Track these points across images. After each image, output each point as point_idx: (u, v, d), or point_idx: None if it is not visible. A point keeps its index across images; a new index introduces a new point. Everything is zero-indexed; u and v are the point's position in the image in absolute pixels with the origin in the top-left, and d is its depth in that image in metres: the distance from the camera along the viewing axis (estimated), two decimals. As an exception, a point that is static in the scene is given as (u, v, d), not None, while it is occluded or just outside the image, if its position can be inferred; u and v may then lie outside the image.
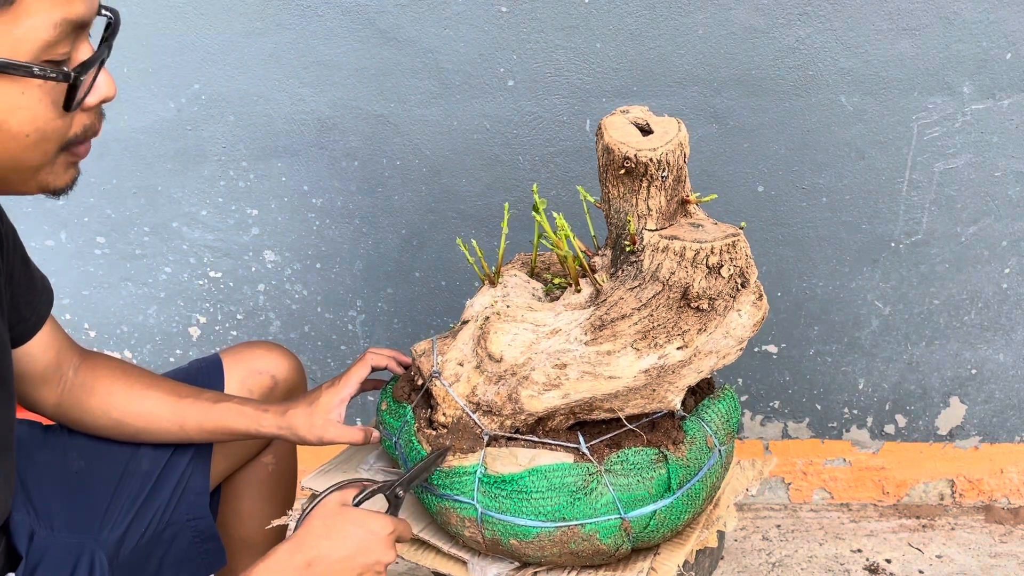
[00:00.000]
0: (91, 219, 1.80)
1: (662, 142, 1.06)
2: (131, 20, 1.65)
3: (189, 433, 1.20)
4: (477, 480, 1.08)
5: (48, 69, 0.76)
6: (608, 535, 1.08)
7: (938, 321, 1.88)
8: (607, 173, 1.10)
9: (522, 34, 1.65)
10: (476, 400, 1.12)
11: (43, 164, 0.81)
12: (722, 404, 1.20)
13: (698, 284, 1.06)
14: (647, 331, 1.08)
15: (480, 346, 1.13)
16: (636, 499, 1.08)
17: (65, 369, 1.16)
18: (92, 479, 1.18)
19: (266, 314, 1.90)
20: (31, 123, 0.77)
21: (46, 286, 1.13)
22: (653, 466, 1.10)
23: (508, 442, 1.12)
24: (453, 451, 1.11)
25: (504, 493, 1.07)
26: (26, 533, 1.08)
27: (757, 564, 1.87)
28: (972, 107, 1.70)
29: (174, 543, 1.22)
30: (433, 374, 1.16)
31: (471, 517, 1.10)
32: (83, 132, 0.83)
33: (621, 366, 1.07)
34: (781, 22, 1.64)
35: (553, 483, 1.07)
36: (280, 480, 1.38)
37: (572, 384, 1.08)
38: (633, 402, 1.12)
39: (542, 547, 1.08)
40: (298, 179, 1.78)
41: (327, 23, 1.65)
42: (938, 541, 1.94)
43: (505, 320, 1.13)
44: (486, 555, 1.15)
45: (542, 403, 1.09)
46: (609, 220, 1.16)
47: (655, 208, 1.09)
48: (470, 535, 1.12)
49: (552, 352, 1.10)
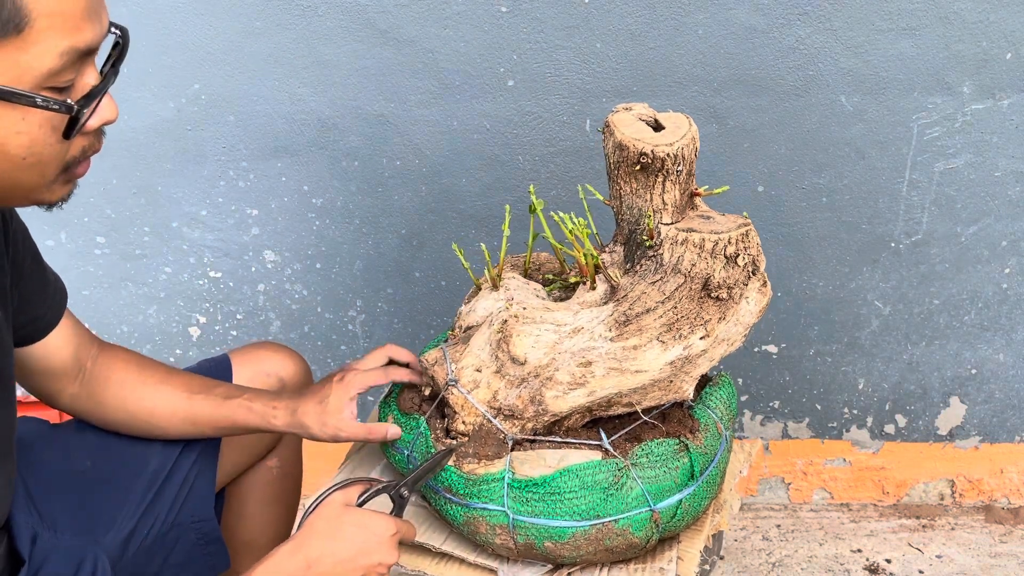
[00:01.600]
0: (91, 219, 1.80)
1: (677, 137, 1.08)
2: (131, 20, 1.65)
3: (200, 428, 1.20)
4: (506, 486, 1.08)
5: (51, 101, 0.75)
6: (640, 528, 1.10)
7: (938, 321, 1.88)
8: (619, 170, 1.11)
9: (522, 34, 1.65)
10: (497, 405, 1.13)
11: (40, 185, 0.81)
12: (722, 391, 1.24)
13: (718, 274, 1.09)
14: (672, 323, 1.10)
15: (501, 350, 1.13)
16: (664, 490, 1.11)
17: (84, 362, 1.16)
18: (98, 479, 1.17)
19: (266, 314, 1.90)
20: (29, 147, 0.77)
21: (59, 282, 1.14)
22: (676, 456, 1.12)
23: (532, 445, 1.12)
24: (479, 458, 1.11)
25: (536, 496, 1.08)
26: (29, 535, 1.08)
27: (757, 564, 1.87)
28: (972, 107, 1.70)
29: (178, 545, 1.22)
30: (449, 382, 1.15)
31: (502, 524, 1.09)
32: (82, 153, 0.84)
33: (648, 359, 1.10)
34: (781, 22, 1.64)
35: (585, 481, 1.08)
36: (285, 483, 1.38)
37: (598, 381, 1.10)
38: (652, 395, 1.14)
39: (578, 547, 1.09)
40: (298, 179, 1.78)
41: (327, 23, 1.65)
42: (938, 541, 1.94)
43: (525, 322, 1.13)
44: (516, 561, 1.14)
45: (567, 403, 1.10)
46: (621, 217, 1.16)
47: (670, 202, 1.11)
48: (501, 542, 1.11)
49: (576, 351, 1.11)
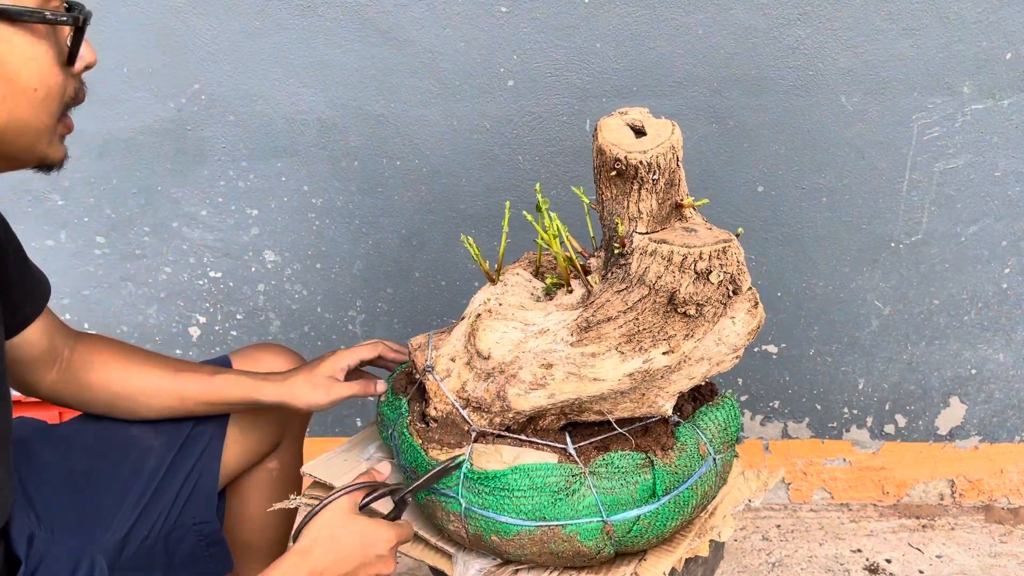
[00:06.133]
0: (91, 219, 1.80)
1: (652, 144, 1.05)
2: (131, 20, 1.65)
3: (188, 405, 1.21)
4: (463, 475, 1.09)
5: (59, 13, 0.82)
6: (589, 537, 1.08)
7: (938, 321, 1.88)
8: (600, 174, 1.10)
9: (522, 34, 1.65)
10: (466, 396, 1.13)
11: (48, 127, 0.85)
12: (720, 412, 1.19)
13: (685, 289, 1.05)
14: (632, 335, 1.07)
15: (470, 342, 1.14)
16: (619, 503, 1.08)
17: (60, 350, 1.17)
18: (95, 479, 1.17)
19: (266, 314, 1.90)
20: (39, 77, 0.82)
21: (43, 280, 1.14)
22: (638, 471, 1.09)
23: (496, 439, 1.12)
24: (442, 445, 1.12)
25: (487, 489, 1.08)
26: (25, 536, 1.08)
27: (757, 564, 1.87)
28: (972, 107, 1.70)
29: (180, 547, 1.22)
30: (426, 368, 1.17)
31: (455, 511, 1.10)
32: (75, 95, 0.89)
33: (605, 368, 1.07)
34: (781, 22, 1.64)
35: (535, 482, 1.07)
36: (285, 484, 1.38)
37: (558, 384, 1.08)
38: (622, 405, 1.12)
39: (522, 545, 1.09)
40: (298, 179, 1.78)
41: (327, 23, 1.65)
42: (938, 541, 1.94)
43: (495, 318, 1.13)
44: (470, 550, 1.16)
45: (528, 402, 1.09)
46: (603, 222, 1.15)
47: (645, 211, 1.09)
48: (454, 529, 1.13)
49: (539, 352, 1.10)
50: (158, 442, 1.22)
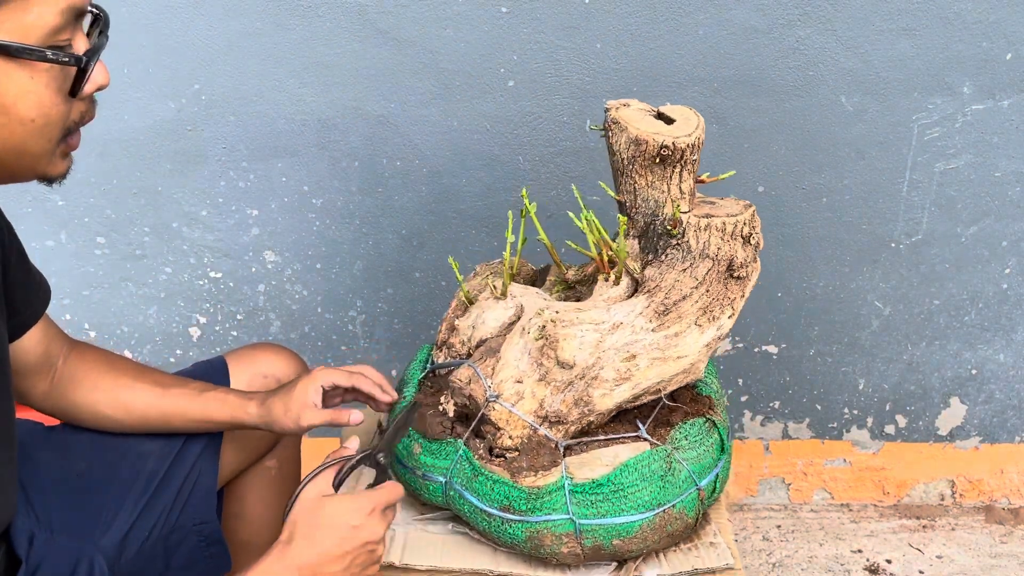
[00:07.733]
0: (91, 219, 1.80)
1: (692, 127, 1.11)
2: (131, 20, 1.65)
3: (175, 424, 1.20)
4: (567, 492, 1.08)
5: (60, 53, 0.79)
6: (692, 508, 1.13)
7: (938, 321, 1.88)
8: (634, 164, 1.12)
9: (522, 34, 1.65)
10: (543, 414, 1.13)
11: (47, 151, 0.84)
12: (708, 365, 1.28)
13: (739, 255, 1.13)
14: (706, 307, 1.14)
15: (546, 356, 1.13)
16: (705, 468, 1.15)
17: (55, 360, 1.16)
18: (95, 480, 1.17)
19: (266, 314, 1.90)
20: (37, 108, 0.80)
21: (44, 284, 1.13)
22: (709, 433, 1.17)
23: (583, 448, 1.13)
24: (535, 470, 1.10)
25: (601, 496, 1.09)
26: (26, 536, 1.08)
27: (757, 564, 1.87)
28: (972, 107, 1.70)
29: (180, 548, 1.21)
30: (489, 399, 1.14)
31: (568, 532, 1.09)
32: (80, 118, 0.87)
33: (688, 344, 1.13)
34: (781, 22, 1.64)
35: (643, 473, 1.10)
36: (284, 483, 1.38)
37: (643, 372, 1.12)
38: (676, 379, 1.16)
39: (644, 538, 1.10)
40: (298, 179, 1.78)
41: (327, 23, 1.65)
42: (938, 541, 1.94)
43: (565, 325, 1.13)
44: (579, 567, 1.14)
45: (614, 399, 1.12)
46: (635, 210, 1.17)
47: (687, 191, 1.14)
48: (568, 550, 1.11)
49: (620, 346, 1.13)
50: (157, 443, 1.21)
